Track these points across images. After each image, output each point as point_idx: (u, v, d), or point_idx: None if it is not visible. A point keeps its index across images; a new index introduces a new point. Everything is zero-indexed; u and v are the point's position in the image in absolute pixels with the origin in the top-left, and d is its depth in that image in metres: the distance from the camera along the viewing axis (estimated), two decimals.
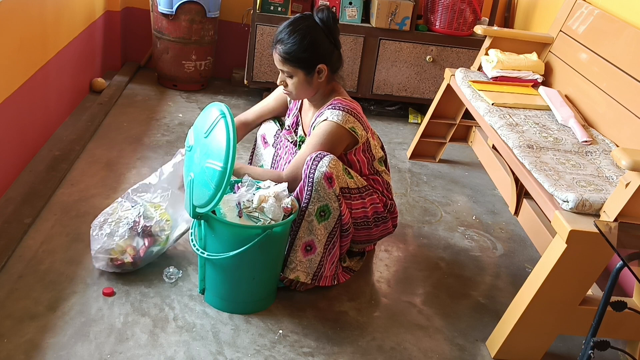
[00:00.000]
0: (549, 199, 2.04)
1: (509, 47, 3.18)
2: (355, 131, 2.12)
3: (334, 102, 2.14)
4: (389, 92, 3.91)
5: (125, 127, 3.29)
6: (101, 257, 2.07)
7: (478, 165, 3.46)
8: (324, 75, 2.13)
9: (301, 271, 2.10)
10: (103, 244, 2.06)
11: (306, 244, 2.07)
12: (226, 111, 1.91)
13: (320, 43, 2.10)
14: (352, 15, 3.74)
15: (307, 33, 2.08)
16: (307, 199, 2.02)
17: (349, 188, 2.11)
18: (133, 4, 4.13)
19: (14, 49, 2.48)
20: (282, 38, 2.09)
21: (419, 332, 2.11)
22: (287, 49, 2.08)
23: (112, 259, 2.07)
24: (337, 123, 2.08)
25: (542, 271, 1.91)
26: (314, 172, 2.00)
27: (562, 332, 2.06)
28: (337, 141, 2.10)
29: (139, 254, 2.10)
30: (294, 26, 2.09)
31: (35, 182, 2.57)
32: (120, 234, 2.08)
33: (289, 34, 2.08)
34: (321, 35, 2.10)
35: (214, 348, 1.89)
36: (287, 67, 2.11)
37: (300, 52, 2.07)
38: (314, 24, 2.10)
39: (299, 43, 2.07)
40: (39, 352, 1.76)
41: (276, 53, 2.11)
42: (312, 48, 2.08)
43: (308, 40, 2.07)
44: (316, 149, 2.07)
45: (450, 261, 2.55)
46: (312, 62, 2.10)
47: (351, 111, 2.12)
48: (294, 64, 2.10)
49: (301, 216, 2.04)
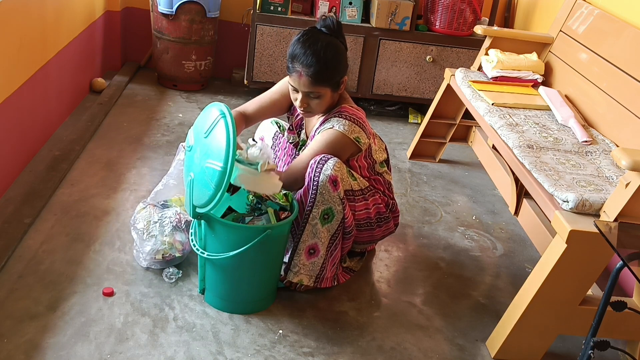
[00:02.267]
0: (549, 199, 2.04)
1: (509, 47, 3.18)
2: (359, 141, 2.11)
3: (341, 109, 2.12)
4: (389, 92, 3.91)
5: (125, 127, 3.29)
6: (150, 258, 2.15)
7: (478, 165, 3.46)
8: (345, 84, 2.12)
9: (304, 274, 2.10)
10: (153, 246, 2.14)
11: (310, 247, 2.07)
12: (226, 111, 1.90)
13: (341, 55, 2.08)
14: (352, 15, 3.74)
15: (328, 49, 2.02)
16: (312, 202, 2.02)
17: (352, 190, 2.11)
18: (133, 4, 4.13)
19: (14, 49, 2.48)
20: (306, 61, 2.01)
21: (419, 332, 2.11)
22: (316, 71, 2.00)
23: (163, 255, 2.15)
24: (343, 133, 2.07)
25: (542, 271, 1.91)
26: (319, 175, 2.00)
27: (562, 332, 2.06)
28: (340, 150, 2.09)
29: (184, 247, 2.21)
30: (312, 46, 2.01)
31: (35, 182, 2.57)
32: (167, 233, 2.17)
33: (312, 55, 2.00)
34: (338, 46, 2.07)
35: (214, 348, 1.89)
36: (316, 88, 2.05)
37: (330, 72, 2.03)
38: (327, 38, 2.05)
39: (327, 63, 2.01)
40: (39, 352, 1.76)
41: (303, 77, 2.02)
42: (338, 63, 2.06)
43: (332, 57, 2.03)
44: (318, 154, 2.07)
45: (450, 261, 2.55)
46: (339, 77, 2.08)
47: (357, 121, 2.11)
48: (324, 84, 2.05)
49: (305, 219, 2.04)
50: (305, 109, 2.12)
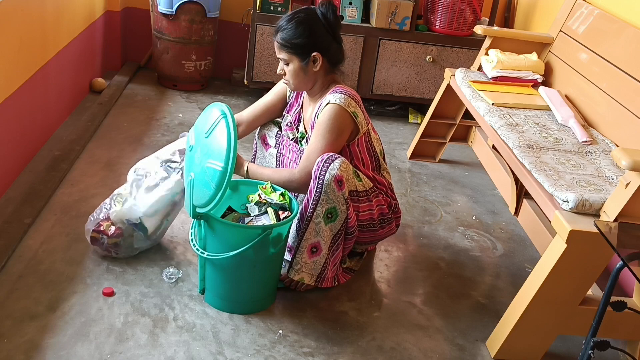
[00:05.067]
0: (549, 199, 2.04)
1: (509, 47, 3.18)
2: (356, 116, 2.13)
3: (335, 88, 2.17)
4: (389, 92, 3.91)
5: (125, 127, 3.29)
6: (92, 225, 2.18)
7: (478, 165, 3.46)
8: (319, 65, 2.15)
9: (306, 273, 2.10)
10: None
11: (312, 245, 2.07)
12: (227, 111, 1.91)
13: (315, 32, 2.13)
14: (352, 15, 3.74)
15: (304, 21, 2.12)
16: (316, 200, 2.02)
17: (357, 191, 2.12)
18: (133, 4, 4.13)
19: (14, 49, 2.48)
20: (281, 25, 2.15)
21: (419, 332, 2.11)
22: (283, 35, 2.13)
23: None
24: (340, 105, 2.10)
25: (542, 271, 1.91)
26: (324, 174, 2.00)
27: (562, 332, 2.06)
28: (342, 125, 2.11)
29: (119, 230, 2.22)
30: (293, 15, 2.15)
31: (35, 182, 2.57)
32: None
33: (287, 22, 2.14)
34: (318, 26, 2.14)
35: (214, 348, 1.89)
36: (283, 53, 2.15)
37: (295, 38, 2.11)
38: (313, 15, 2.15)
39: (294, 29, 2.11)
40: (39, 352, 1.76)
41: (275, 41, 2.16)
42: (307, 35, 2.12)
43: (303, 28, 2.11)
44: (325, 137, 2.09)
45: (450, 261, 2.55)
46: (307, 49, 2.13)
47: (353, 96, 2.14)
48: (290, 50, 2.13)
49: (309, 218, 2.04)
50: (284, 78, 2.21)
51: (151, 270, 2.19)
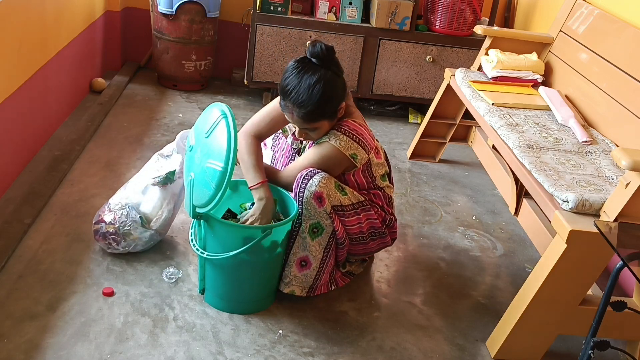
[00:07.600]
0: (549, 199, 2.04)
1: (509, 47, 3.18)
2: (355, 157, 2.05)
3: (342, 123, 2.05)
4: (389, 92, 3.91)
5: (125, 127, 3.29)
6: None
7: (478, 165, 3.46)
8: (343, 109, 2.05)
9: (296, 286, 2.09)
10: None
11: (301, 259, 2.06)
12: (227, 112, 1.91)
13: (333, 89, 1.96)
14: (352, 15, 3.74)
15: (319, 86, 1.92)
16: (299, 215, 2.01)
17: (342, 205, 2.04)
18: (133, 4, 4.13)
19: (14, 49, 2.48)
20: (297, 101, 1.93)
21: (419, 332, 2.11)
22: (307, 111, 1.94)
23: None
24: (338, 148, 2.02)
25: (542, 271, 1.91)
26: (303, 192, 1.97)
27: (562, 332, 2.06)
28: (333, 165, 2.04)
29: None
30: (302, 84, 1.92)
31: (35, 182, 2.57)
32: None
33: (303, 94, 1.92)
34: (329, 79, 1.95)
35: (214, 348, 1.89)
36: (310, 125, 1.99)
37: (321, 109, 1.95)
38: (317, 70, 1.94)
39: (319, 101, 1.92)
40: (39, 352, 1.76)
41: (295, 116, 1.96)
42: (330, 99, 1.95)
43: (323, 94, 1.92)
44: (311, 164, 2.03)
45: (450, 261, 2.55)
46: (334, 108, 1.99)
47: (356, 137, 2.03)
48: (318, 120, 1.98)
49: (295, 231, 2.03)
50: (305, 138, 2.09)
51: (151, 270, 2.19)
